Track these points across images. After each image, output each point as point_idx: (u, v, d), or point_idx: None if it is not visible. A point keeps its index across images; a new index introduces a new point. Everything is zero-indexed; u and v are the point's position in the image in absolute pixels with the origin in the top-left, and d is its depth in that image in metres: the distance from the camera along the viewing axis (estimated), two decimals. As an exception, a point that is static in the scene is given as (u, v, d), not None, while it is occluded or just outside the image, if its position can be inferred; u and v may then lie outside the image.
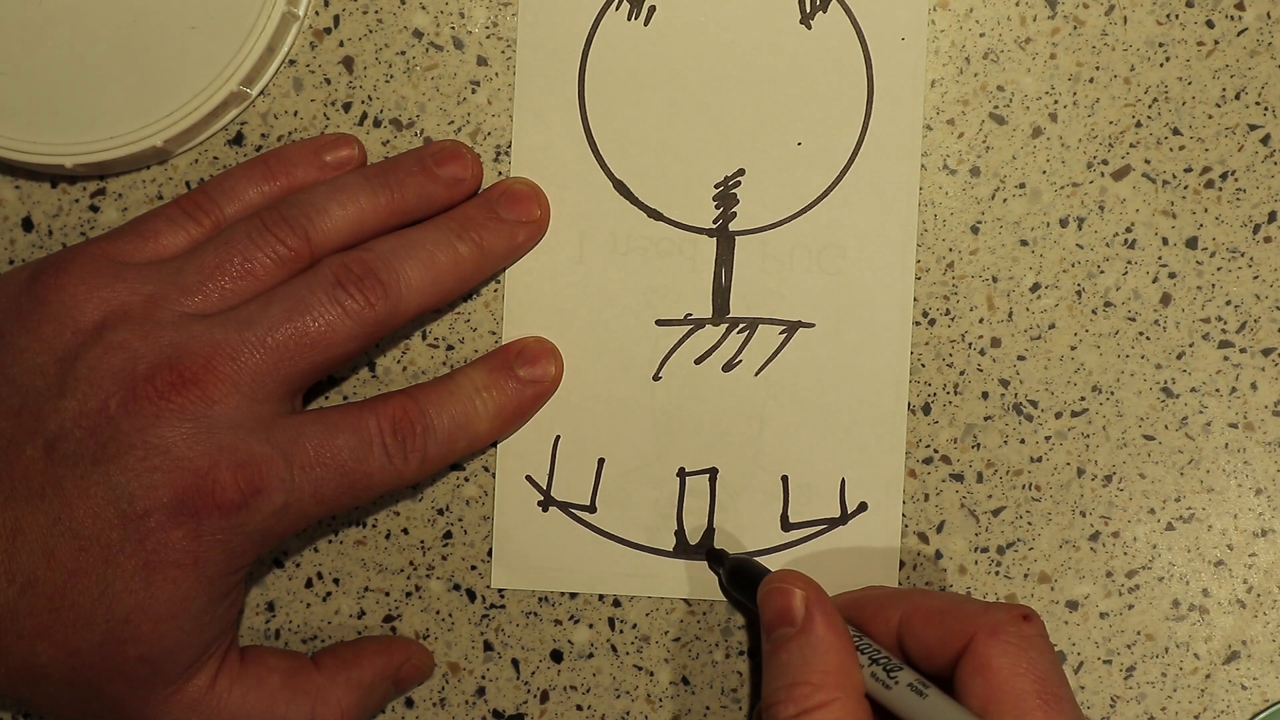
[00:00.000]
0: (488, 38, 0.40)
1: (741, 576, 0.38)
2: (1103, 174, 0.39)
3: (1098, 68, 0.39)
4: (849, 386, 0.39)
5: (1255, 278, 0.39)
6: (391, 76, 0.40)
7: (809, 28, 0.39)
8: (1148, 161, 0.39)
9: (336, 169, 0.38)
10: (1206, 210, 0.39)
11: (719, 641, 0.40)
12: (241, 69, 0.38)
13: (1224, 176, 0.39)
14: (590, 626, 0.40)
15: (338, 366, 0.36)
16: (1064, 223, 0.39)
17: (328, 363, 0.35)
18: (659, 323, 0.40)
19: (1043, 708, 0.32)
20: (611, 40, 0.40)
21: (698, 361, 0.40)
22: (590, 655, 0.40)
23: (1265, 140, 0.39)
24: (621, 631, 0.40)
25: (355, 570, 0.40)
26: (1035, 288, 0.39)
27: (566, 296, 0.40)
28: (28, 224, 0.41)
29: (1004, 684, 0.32)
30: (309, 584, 0.41)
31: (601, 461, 0.40)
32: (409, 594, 0.40)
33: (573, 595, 0.40)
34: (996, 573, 0.39)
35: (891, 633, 0.35)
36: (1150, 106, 0.39)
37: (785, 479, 0.39)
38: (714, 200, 0.39)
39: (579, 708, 0.40)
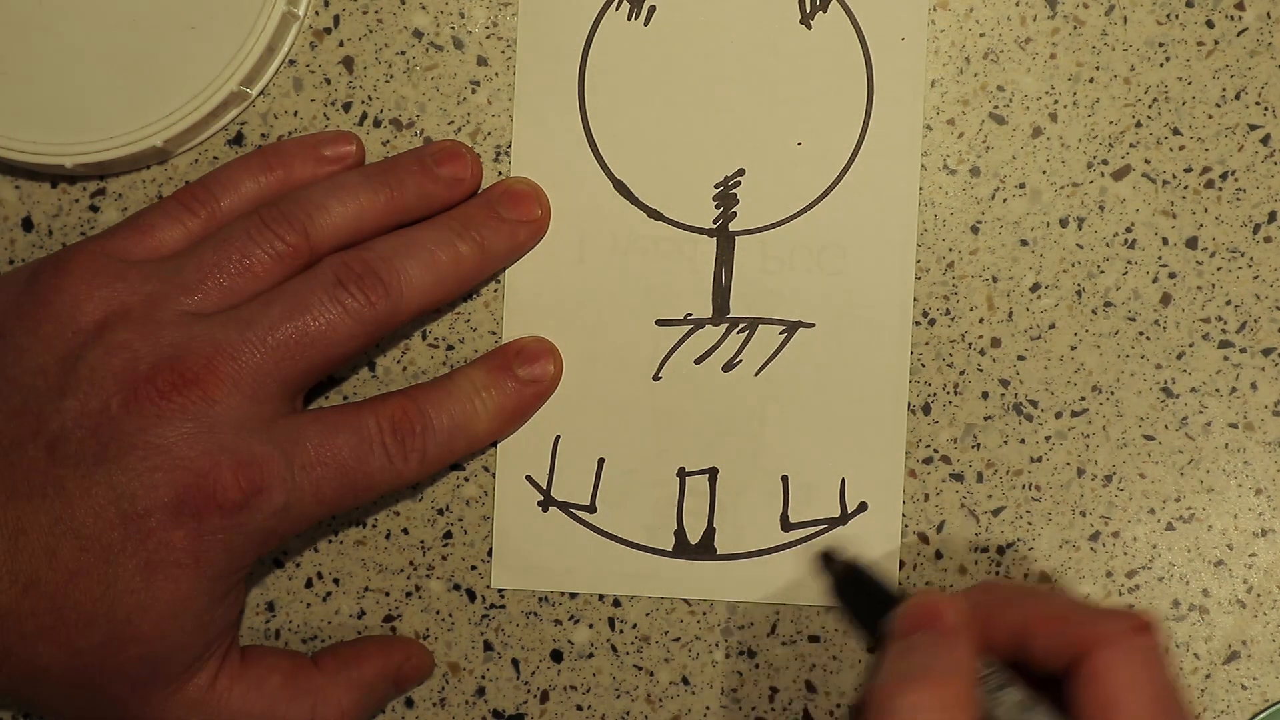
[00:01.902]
0: (488, 38, 0.40)
1: (853, 583, 0.36)
2: (1103, 174, 0.39)
3: (1098, 68, 0.39)
4: (849, 386, 0.39)
5: (1255, 278, 0.39)
6: (391, 76, 0.40)
7: (809, 28, 0.39)
8: (1148, 161, 0.39)
9: (335, 164, 0.38)
10: (1206, 210, 0.39)
11: (719, 641, 0.40)
12: (241, 69, 0.38)
13: (1224, 176, 0.39)
14: (590, 626, 0.40)
15: (338, 366, 0.36)
16: (1064, 223, 0.39)
17: (328, 362, 0.35)
18: (659, 323, 0.40)
19: None
20: (611, 40, 0.40)
21: (698, 361, 0.40)
22: (590, 655, 0.40)
23: (1265, 140, 0.39)
24: (621, 631, 0.40)
25: (355, 570, 0.40)
26: (1035, 288, 0.39)
27: (566, 296, 0.40)
28: (28, 224, 0.41)
29: (1118, 697, 0.31)
30: (309, 584, 0.41)
31: (601, 461, 0.40)
32: (409, 594, 0.40)
33: (573, 595, 0.40)
34: (996, 573, 0.39)
35: (1008, 635, 0.34)
36: (1150, 106, 0.39)
37: (785, 479, 0.39)
38: (714, 200, 0.40)
39: (579, 708, 0.40)
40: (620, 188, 0.40)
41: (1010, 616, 0.35)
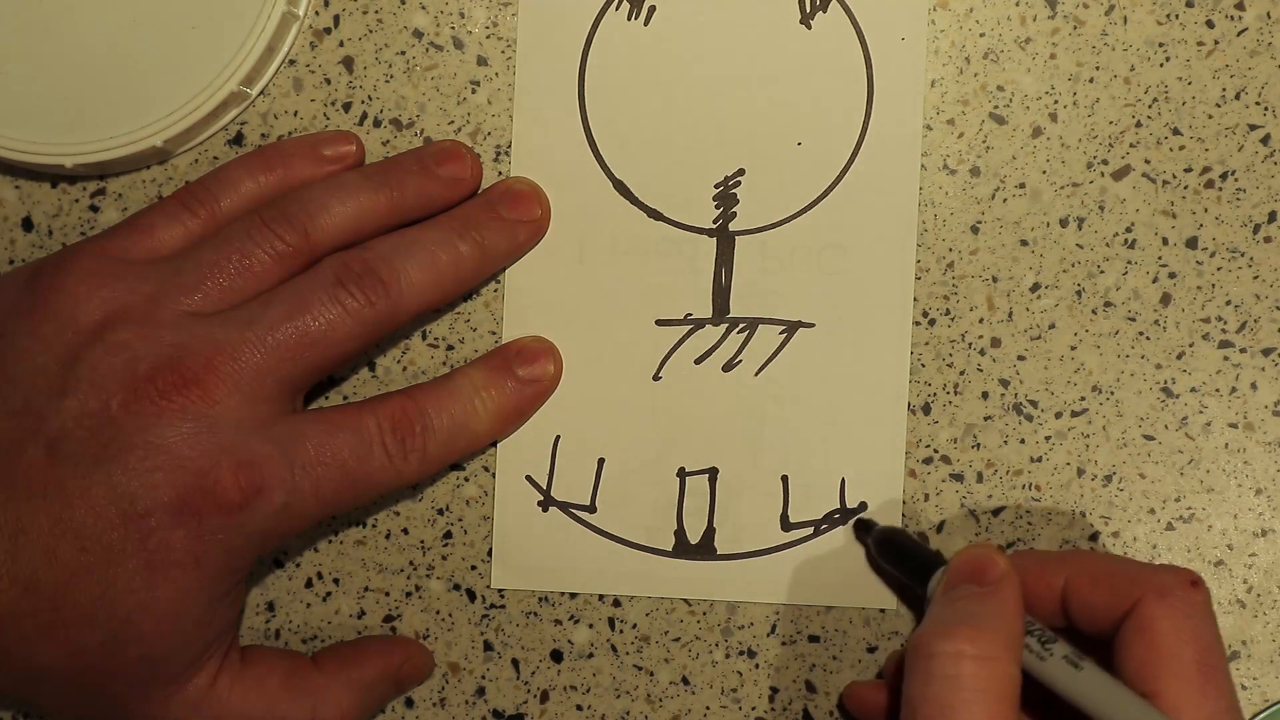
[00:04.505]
0: (488, 38, 0.40)
1: (891, 546, 0.38)
2: (1103, 174, 0.39)
3: (1098, 68, 0.39)
4: (849, 386, 0.39)
5: (1255, 278, 0.39)
6: (391, 76, 0.40)
7: (809, 28, 0.39)
8: (1148, 161, 0.39)
9: (334, 164, 0.38)
10: (1206, 210, 0.39)
11: (719, 641, 0.40)
12: (241, 69, 0.38)
13: (1224, 176, 0.39)
14: (590, 626, 0.40)
15: (339, 366, 0.36)
16: (1064, 223, 0.39)
17: (328, 362, 0.35)
18: (659, 323, 0.40)
19: (1200, 676, 0.31)
20: (611, 40, 0.40)
21: (698, 361, 0.40)
22: (590, 655, 0.40)
23: (1265, 140, 0.39)
24: (621, 631, 0.40)
25: (355, 570, 0.40)
26: (1035, 288, 0.39)
27: (566, 296, 0.40)
28: (28, 224, 0.41)
29: (1165, 648, 0.32)
30: (309, 584, 0.41)
31: (601, 461, 0.40)
32: (409, 594, 0.40)
33: (573, 595, 0.40)
34: (996, 573, 0.39)
35: (1054, 596, 0.35)
36: (1150, 106, 0.39)
37: (785, 479, 0.39)
38: (714, 200, 0.40)
39: (579, 708, 0.40)
40: (620, 188, 0.40)
41: (1055, 577, 0.35)
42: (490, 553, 0.40)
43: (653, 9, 0.39)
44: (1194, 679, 0.32)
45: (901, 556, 0.38)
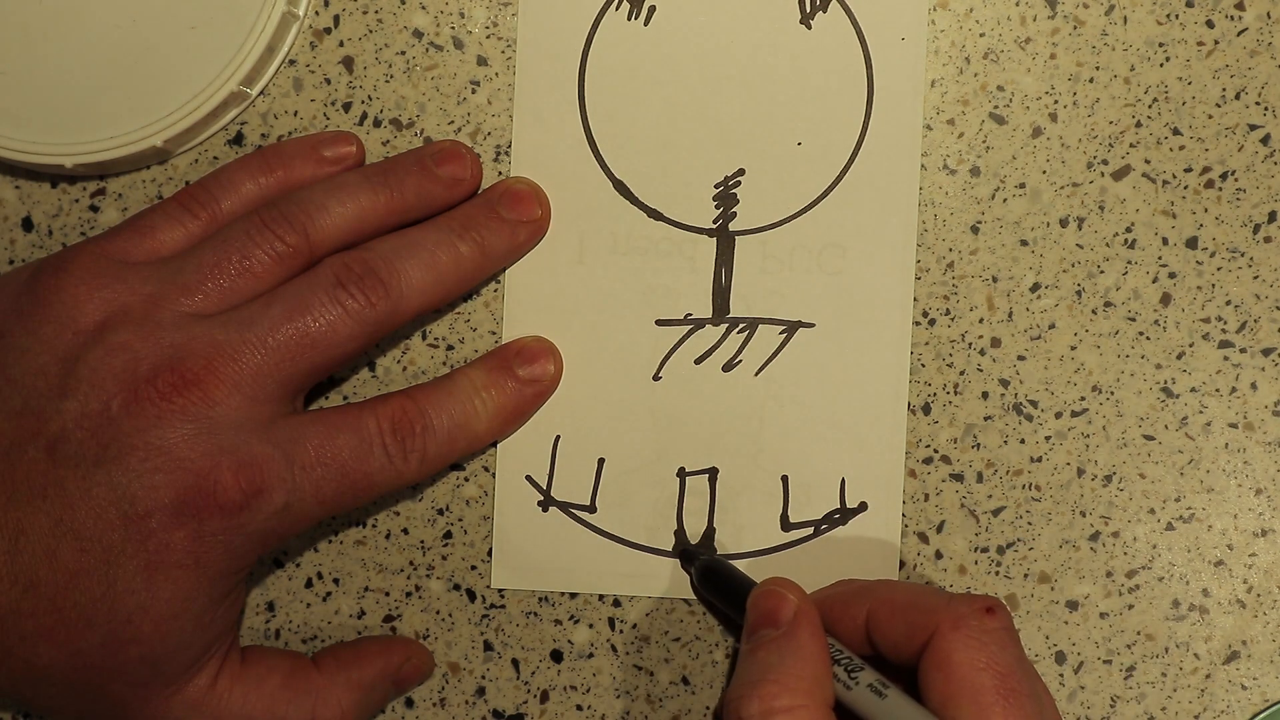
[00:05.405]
0: (488, 38, 0.40)
1: (711, 577, 0.38)
2: (1103, 174, 0.39)
3: (1098, 68, 0.39)
4: (849, 386, 0.39)
5: (1255, 278, 0.39)
6: (391, 76, 0.40)
7: (809, 28, 0.39)
8: (1148, 161, 0.39)
9: (335, 165, 0.38)
10: (1206, 210, 0.39)
11: (719, 641, 0.40)
12: (241, 69, 0.38)
13: (1224, 176, 0.39)
14: (590, 626, 0.40)
15: (339, 367, 0.36)
16: (1064, 223, 0.39)
17: (329, 363, 0.35)
18: (659, 323, 0.40)
19: (1001, 703, 0.32)
20: (611, 40, 0.40)
21: (698, 361, 0.40)
22: (590, 655, 0.40)
23: (1265, 140, 0.39)
24: (621, 631, 0.40)
25: (355, 570, 0.40)
26: (1035, 288, 0.39)
27: (566, 296, 0.40)
28: (28, 224, 0.41)
29: (963, 679, 0.32)
30: (309, 584, 0.41)
31: (601, 461, 0.40)
32: (409, 594, 0.40)
33: (573, 595, 0.40)
34: (996, 573, 0.39)
35: (860, 628, 0.35)
36: (1150, 106, 0.39)
37: (785, 479, 0.39)
38: (714, 200, 0.40)
39: (579, 708, 0.40)
40: (620, 188, 0.40)
41: (858, 609, 0.35)
42: (490, 553, 0.40)
43: (653, 9, 0.39)
44: (994, 706, 0.32)
45: (720, 589, 0.38)
